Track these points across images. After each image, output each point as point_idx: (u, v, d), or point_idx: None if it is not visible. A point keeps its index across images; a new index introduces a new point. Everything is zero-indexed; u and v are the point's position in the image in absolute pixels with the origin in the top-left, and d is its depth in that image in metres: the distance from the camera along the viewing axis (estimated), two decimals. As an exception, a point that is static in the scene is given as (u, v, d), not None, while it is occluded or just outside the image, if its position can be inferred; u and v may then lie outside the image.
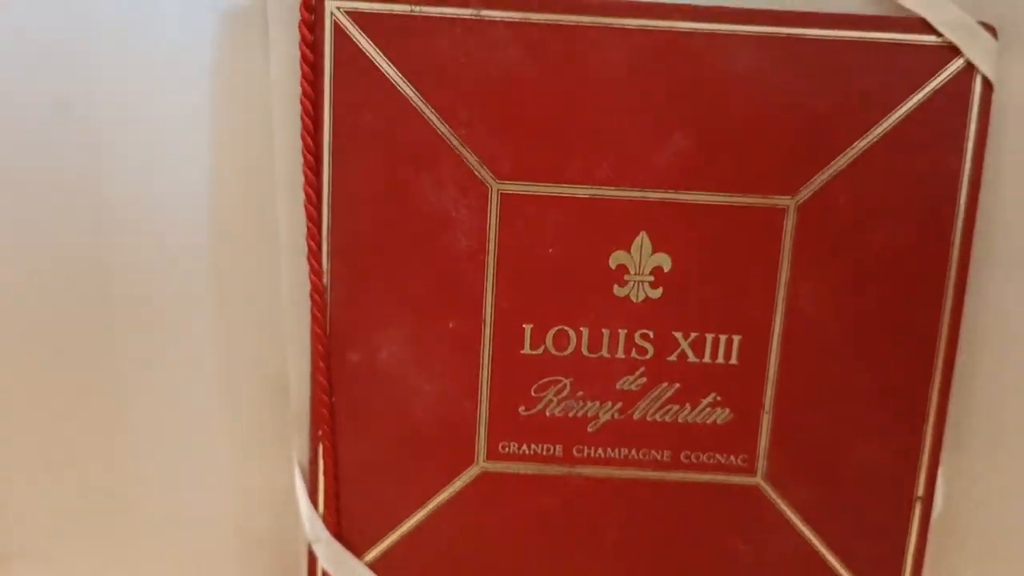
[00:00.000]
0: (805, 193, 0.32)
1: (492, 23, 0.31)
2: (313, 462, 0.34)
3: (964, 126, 0.32)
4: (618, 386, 0.33)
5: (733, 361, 0.33)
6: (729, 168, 0.32)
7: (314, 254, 0.32)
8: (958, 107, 0.32)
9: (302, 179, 0.32)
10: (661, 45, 0.31)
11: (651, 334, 0.33)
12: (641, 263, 0.32)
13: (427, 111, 0.31)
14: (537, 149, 0.32)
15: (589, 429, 0.34)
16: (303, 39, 0.31)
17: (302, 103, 0.31)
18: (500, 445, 0.34)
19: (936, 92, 0.31)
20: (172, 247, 0.32)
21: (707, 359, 0.33)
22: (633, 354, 0.33)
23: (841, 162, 0.32)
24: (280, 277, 0.34)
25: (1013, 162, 0.33)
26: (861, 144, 0.32)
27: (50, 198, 0.31)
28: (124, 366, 0.33)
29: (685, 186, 0.32)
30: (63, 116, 0.30)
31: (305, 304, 0.33)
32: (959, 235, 0.32)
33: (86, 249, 0.31)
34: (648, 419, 0.34)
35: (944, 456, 0.34)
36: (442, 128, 0.31)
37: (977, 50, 0.31)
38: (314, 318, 0.33)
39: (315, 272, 0.32)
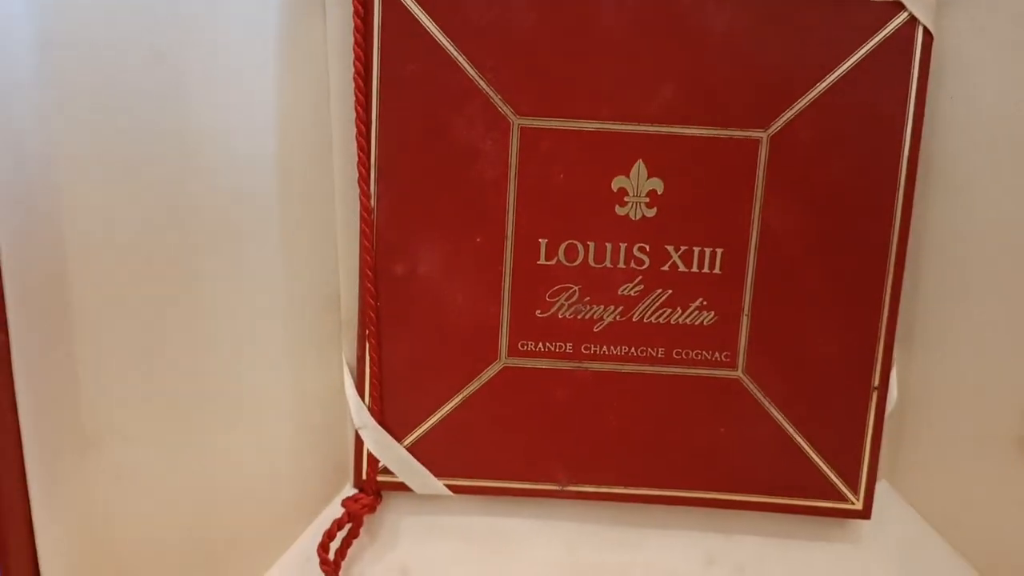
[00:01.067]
0: (775, 127, 0.38)
1: (514, -16, 0.37)
2: (360, 360, 0.40)
3: (908, 71, 0.38)
4: (619, 292, 0.39)
5: (717, 271, 0.39)
6: (712, 107, 0.38)
7: (364, 180, 0.39)
8: (903, 54, 0.38)
9: (354, 118, 0.38)
10: (655, 6, 0.37)
11: (647, 247, 0.39)
12: (639, 186, 0.38)
13: (460, 59, 0.37)
14: (552, 91, 0.38)
15: (595, 329, 0.40)
16: (355, 1, 0.37)
17: (355, 52, 0.38)
18: (519, 343, 0.40)
19: (884, 41, 0.38)
20: (245, 177, 0.38)
21: (695, 269, 0.39)
22: (632, 265, 0.39)
23: (804, 101, 0.38)
24: (334, 202, 0.40)
25: (950, 101, 0.39)
26: (821, 86, 0.38)
27: (145, 134, 0.37)
28: (203, 277, 0.38)
29: (675, 121, 0.38)
30: (157, 64, 0.36)
31: (355, 225, 0.39)
32: (905, 162, 0.38)
33: (176, 180, 0.37)
34: (645, 321, 0.40)
35: (897, 355, 0.41)
36: (472, 73, 0.38)
37: (919, 5, 0.37)
38: (363, 235, 0.39)
39: (364, 196, 0.39)
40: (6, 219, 0.34)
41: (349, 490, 0.42)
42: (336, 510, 0.42)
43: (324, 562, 0.41)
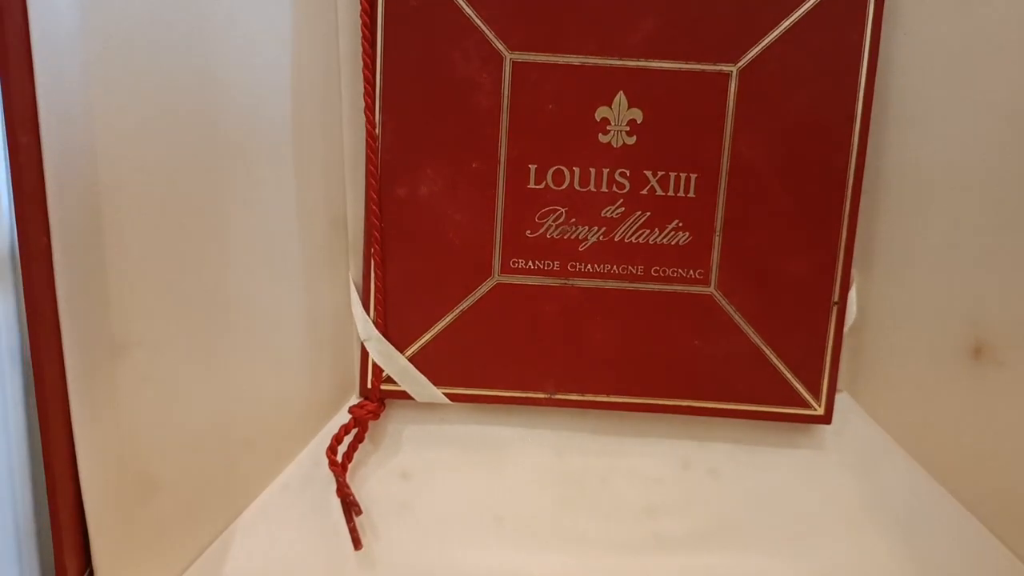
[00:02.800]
0: (744, 62, 0.42)
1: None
2: (366, 278, 0.44)
3: (865, 7, 0.41)
4: (602, 214, 0.43)
5: (691, 194, 0.43)
6: (686, 42, 0.42)
7: (369, 110, 0.42)
8: (861, -5, 0.42)
9: (361, 52, 0.42)
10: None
11: (627, 172, 0.43)
12: (620, 116, 0.42)
13: (456, -2, 0.41)
14: (541, 27, 0.41)
15: (580, 249, 0.44)
16: (361, -56, 0.41)
17: (361, -8, 0.41)
18: (511, 261, 0.44)
19: (843, -17, 0.41)
20: (261, 108, 0.42)
21: (671, 193, 0.43)
22: (614, 189, 0.43)
23: (770, 38, 0.41)
24: (342, 131, 0.43)
25: (904, 36, 0.42)
26: (785, 24, 0.41)
27: (173, 69, 0.40)
28: (223, 200, 0.42)
29: (654, 56, 0.42)
30: (186, 7, 0.40)
31: (361, 152, 0.43)
32: (862, 94, 0.42)
33: (200, 109, 0.41)
34: (626, 241, 0.43)
35: (856, 273, 0.44)
36: (468, 11, 0.41)
37: (874, -50, 0.41)
38: (369, 161, 0.43)
39: (370, 124, 0.42)
40: (52, 144, 0.37)
41: (355, 399, 0.46)
42: (343, 417, 0.46)
43: (332, 463, 0.45)
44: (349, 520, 0.45)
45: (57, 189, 0.38)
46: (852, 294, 0.44)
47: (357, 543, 0.45)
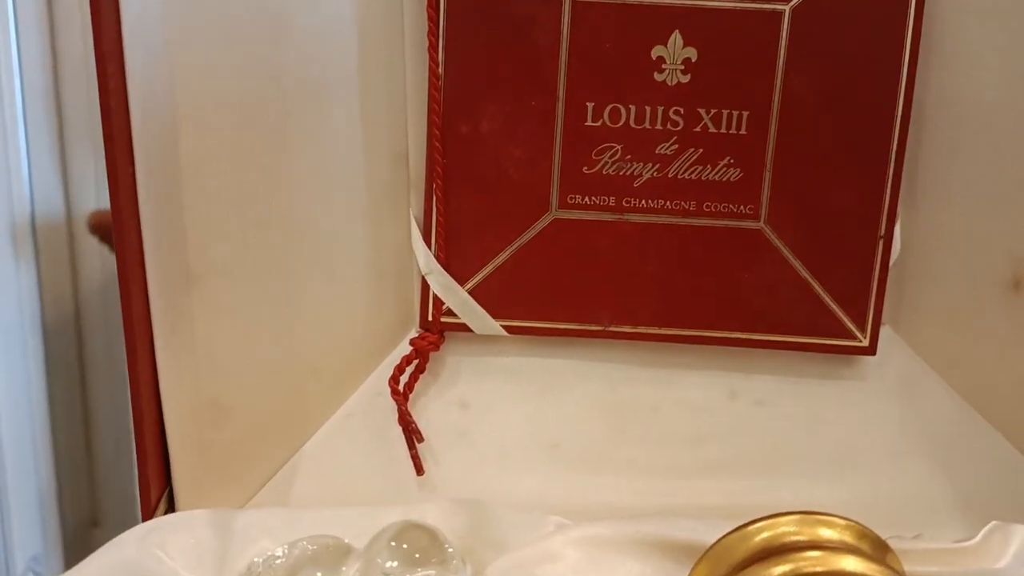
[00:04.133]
0: (796, 1, 0.43)
1: None
2: (427, 213, 0.46)
3: (915, -50, 0.43)
4: (656, 151, 0.45)
5: (743, 131, 0.44)
6: (741, -17, 0.43)
7: (433, 49, 0.44)
8: (911, -65, 0.43)
9: (424, -7, 0.43)
10: None
11: (681, 110, 0.44)
12: (675, 55, 0.44)
13: (518, -61, 0.43)
14: (599, -32, 0.43)
15: (635, 185, 0.45)
16: None
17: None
18: (568, 197, 0.45)
19: (894, -77, 0.43)
20: (328, 47, 0.43)
21: (723, 130, 0.44)
22: (668, 126, 0.44)
23: (824, -23, 0.43)
24: (404, 69, 0.45)
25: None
26: (838, -37, 0.43)
27: (245, 10, 0.42)
28: (292, 137, 0.43)
29: (708, -4, 0.43)
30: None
31: (424, 90, 0.44)
32: (910, 31, 0.43)
33: (270, 50, 0.42)
34: (679, 177, 0.45)
35: (901, 210, 0.46)
36: (529, -48, 0.43)
37: None
38: (431, 99, 0.44)
39: (433, 62, 0.44)
40: (136, 79, 0.39)
41: (416, 332, 0.48)
42: (405, 349, 0.47)
43: (395, 392, 0.47)
44: (411, 447, 0.47)
45: (141, 122, 0.40)
46: (897, 229, 0.46)
47: (419, 469, 0.47)
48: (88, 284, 1.23)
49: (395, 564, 0.32)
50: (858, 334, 0.46)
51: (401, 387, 0.47)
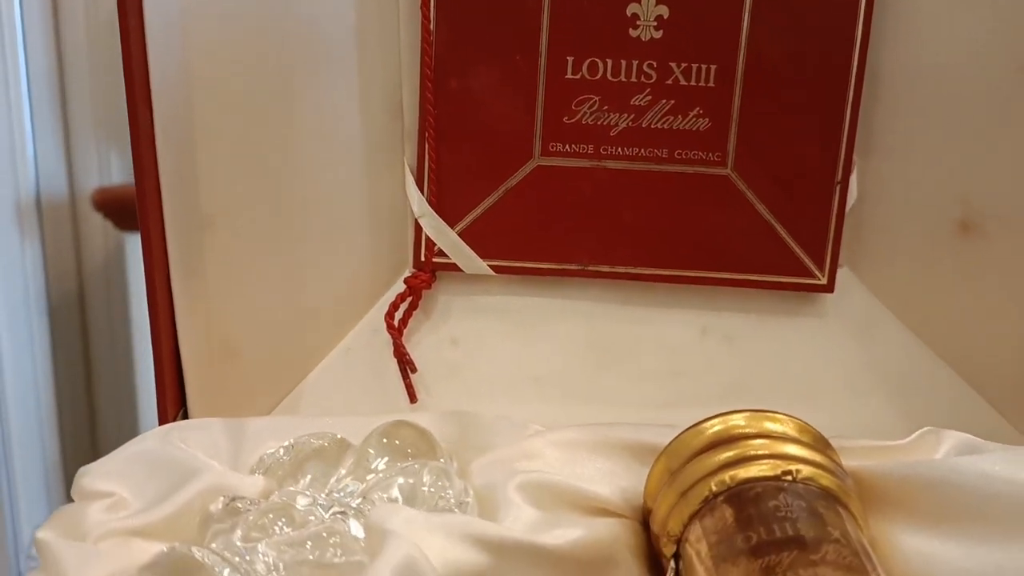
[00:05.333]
0: (759, -37, 0.47)
1: None
2: (420, 160, 0.49)
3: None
4: (631, 102, 0.48)
5: (711, 84, 0.48)
6: (708, -54, 0.47)
7: (425, 7, 0.47)
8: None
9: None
10: None
11: (654, 64, 0.48)
12: (648, 12, 0.47)
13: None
14: (577, -67, 0.47)
15: (611, 134, 0.49)
16: None
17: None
18: (550, 145, 0.49)
19: None
20: (327, 9, 0.47)
21: (693, 82, 0.48)
22: (642, 79, 0.48)
23: (784, -59, 0.47)
24: (399, 29, 0.49)
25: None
26: (797, -72, 0.47)
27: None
28: (295, 90, 0.47)
29: (678, -42, 0.47)
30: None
31: (417, 46, 0.48)
32: (864, -9, 0.47)
33: (276, 9, 0.46)
34: (653, 126, 0.49)
35: (858, 159, 0.50)
36: (513, -83, 0.46)
37: None
38: (424, 54, 0.48)
39: (426, 20, 0.47)
40: (155, 34, 0.43)
41: (410, 272, 0.52)
42: (400, 288, 0.51)
43: (390, 327, 0.50)
44: (405, 377, 0.51)
45: (159, 73, 0.43)
46: (853, 177, 0.50)
47: (412, 397, 0.51)
48: (92, 261, 1.26)
49: (386, 459, 0.36)
50: (817, 272, 0.50)
51: (396, 323, 0.51)
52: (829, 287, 0.50)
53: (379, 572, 0.27)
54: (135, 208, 0.45)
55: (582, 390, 0.52)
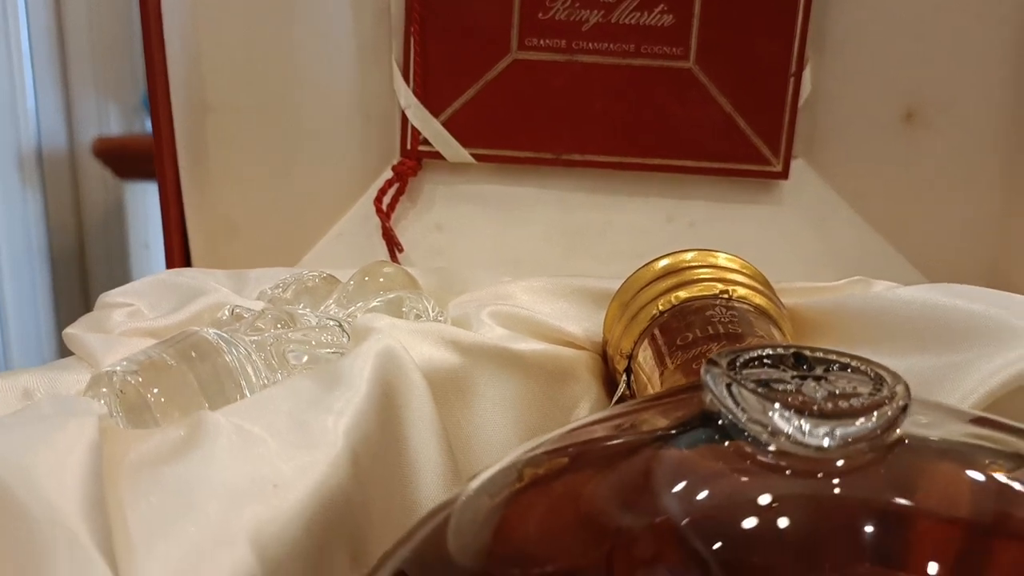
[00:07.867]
0: None
1: None
2: (406, 55, 0.53)
3: None
4: (601, -1, 0.53)
5: (674, -17, 0.52)
6: None
7: (410, -90, 0.52)
8: None
9: None
10: None
11: (622, -36, 0.52)
12: (616, -86, 0.52)
13: None
14: None
15: (583, 29, 0.53)
16: None
17: None
18: (526, 40, 0.53)
19: None
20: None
21: (658, -19, 0.52)
22: (611, -23, 0.52)
23: None
24: (386, -69, 0.53)
25: None
26: None
27: None
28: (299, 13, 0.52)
29: None
30: None
31: (403, -52, 0.52)
32: None
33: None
34: (621, 22, 0.53)
35: (811, 54, 0.54)
36: None
37: None
38: (409, -46, 0.52)
39: (411, -78, 0.52)
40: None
41: (398, 161, 0.56)
42: (388, 175, 0.55)
43: (379, 211, 0.54)
44: (392, 257, 0.55)
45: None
46: (807, 72, 0.54)
47: (400, 277, 0.55)
48: (92, 210, 1.30)
49: (369, 292, 0.40)
50: (773, 160, 0.54)
51: (384, 207, 0.55)
52: (784, 174, 0.55)
53: (363, 354, 0.31)
54: (133, 157, 0.50)
55: (557, 271, 0.56)
